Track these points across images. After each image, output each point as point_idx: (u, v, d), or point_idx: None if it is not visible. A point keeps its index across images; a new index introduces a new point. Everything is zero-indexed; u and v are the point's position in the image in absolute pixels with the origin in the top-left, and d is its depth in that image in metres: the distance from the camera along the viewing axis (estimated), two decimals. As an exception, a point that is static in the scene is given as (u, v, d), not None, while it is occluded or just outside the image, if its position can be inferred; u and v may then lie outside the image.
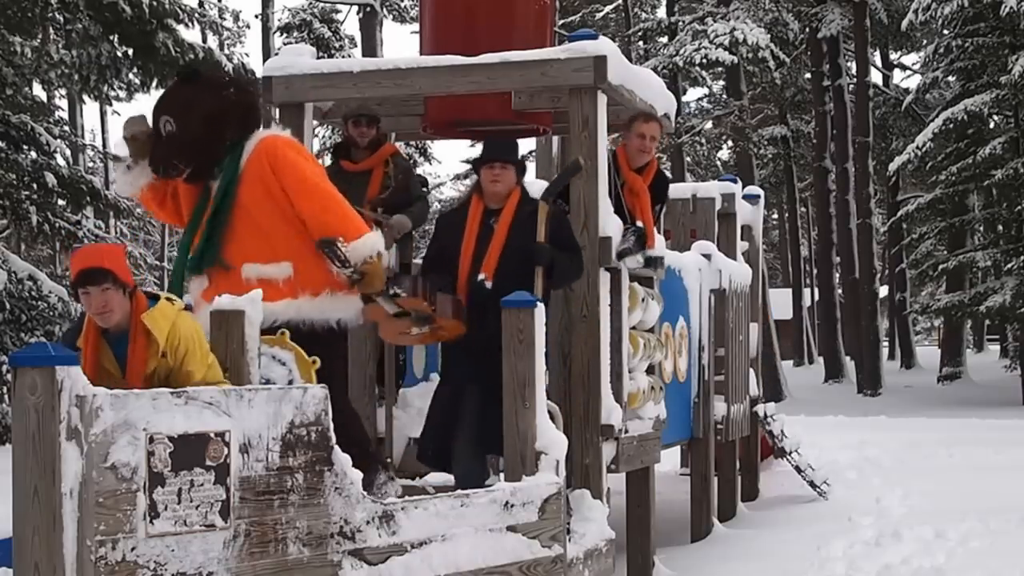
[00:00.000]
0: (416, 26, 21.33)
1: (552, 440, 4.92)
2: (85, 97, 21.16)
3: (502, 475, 5.13)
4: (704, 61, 26.08)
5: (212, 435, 3.53)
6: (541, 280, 5.54)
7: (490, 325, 5.13)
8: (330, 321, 4.99)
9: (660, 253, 6.45)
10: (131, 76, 16.15)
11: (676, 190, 8.88)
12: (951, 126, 23.70)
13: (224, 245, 4.95)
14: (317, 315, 4.95)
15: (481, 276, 5.51)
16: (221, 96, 5.06)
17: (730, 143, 36.97)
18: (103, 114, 39.08)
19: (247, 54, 52.08)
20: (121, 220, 31.96)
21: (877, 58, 35.41)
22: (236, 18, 41.32)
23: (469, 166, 48.42)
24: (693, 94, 40.24)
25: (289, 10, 36.21)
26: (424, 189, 7.09)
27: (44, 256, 28.72)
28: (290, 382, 4.61)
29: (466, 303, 5.51)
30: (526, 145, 14.05)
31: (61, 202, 16.42)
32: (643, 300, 6.37)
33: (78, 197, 16.25)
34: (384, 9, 32.73)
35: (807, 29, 28.33)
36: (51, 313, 14.09)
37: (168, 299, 4.34)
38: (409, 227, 6.52)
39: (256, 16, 35.51)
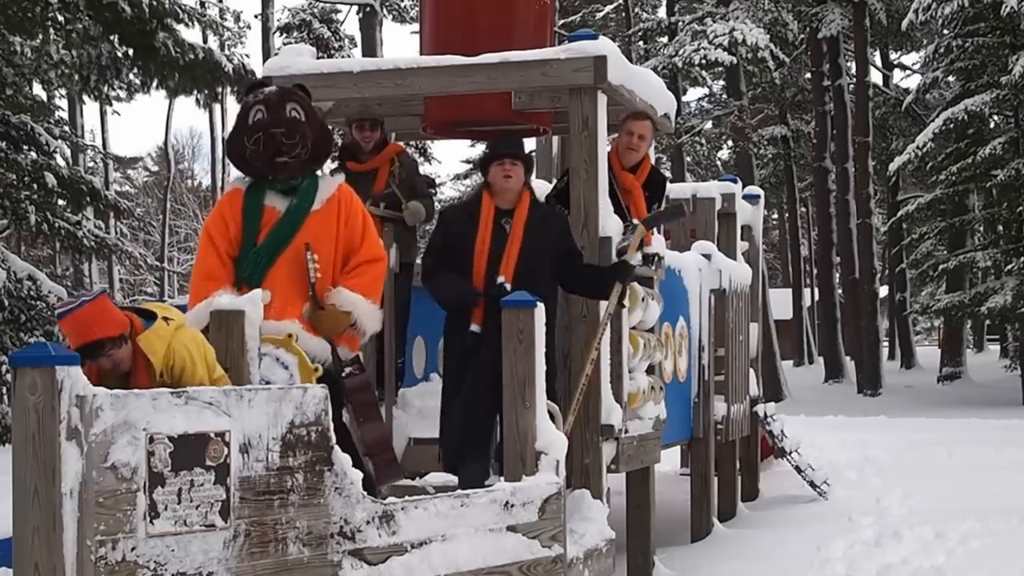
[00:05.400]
0: (416, 26, 21.31)
1: (552, 440, 4.92)
2: (85, 97, 21.15)
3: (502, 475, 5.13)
4: (704, 61, 26.11)
5: (212, 435, 3.53)
6: (616, 296, 5.69)
7: None
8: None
9: (658, 250, 6.46)
10: (131, 76, 16.15)
11: (676, 190, 8.88)
12: (951, 126, 23.70)
13: (277, 264, 4.94)
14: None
15: (500, 279, 5.52)
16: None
17: (730, 143, 36.98)
18: (103, 114, 39.04)
19: (247, 54, 52.09)
20: (121, 220, 31.94)
21: (877, 58, 35.41)
22: (237, 18, 41.31)
23: (470, 166, 48.45)
24: (693, 94, 40.36)
25: (289, 10, 36.21)
26: (431, 189, 7.10)
27: (44, 256, 28.71)
28: (291, 385, 4.60)
29: (483, 305, 5.52)
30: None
31: (61, 202, 16.40)
32: (643, 300, 6.36)
33: (78, 197, 16.25)
34: (384, 9, 32.70)
35: (807, 29, 28.33)
36: (50, 313, 14.07)
37: (165, 318, 4.33)
38: (423, 216, 6.53)
39: (256, 16, 35.47)
